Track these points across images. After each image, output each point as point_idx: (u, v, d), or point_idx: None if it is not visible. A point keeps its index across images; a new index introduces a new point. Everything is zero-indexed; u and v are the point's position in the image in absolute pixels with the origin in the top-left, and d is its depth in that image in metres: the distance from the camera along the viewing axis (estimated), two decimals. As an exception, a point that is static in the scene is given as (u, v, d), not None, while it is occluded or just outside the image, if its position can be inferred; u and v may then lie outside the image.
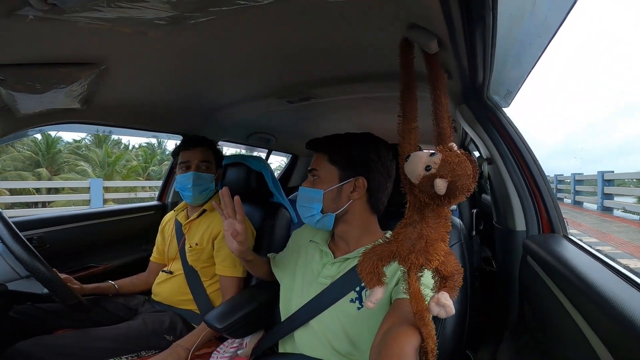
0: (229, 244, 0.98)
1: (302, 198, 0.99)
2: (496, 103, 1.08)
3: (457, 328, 0.96)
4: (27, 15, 0.53)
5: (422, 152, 0.60)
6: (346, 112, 1.77)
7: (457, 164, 0.55)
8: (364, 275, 0.64)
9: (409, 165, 0.59)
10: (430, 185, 0.55)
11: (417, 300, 0.61)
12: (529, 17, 0.65)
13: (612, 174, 9.53)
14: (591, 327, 0.54)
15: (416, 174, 0.58)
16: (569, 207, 11.03)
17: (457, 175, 0.54)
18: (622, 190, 9.38)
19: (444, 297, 0.60)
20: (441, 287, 0.63)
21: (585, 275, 0.61)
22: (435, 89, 0.65)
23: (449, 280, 0.62)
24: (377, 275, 0.63)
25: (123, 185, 11.29)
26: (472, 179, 0.55)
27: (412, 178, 0.59)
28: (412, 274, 0.62)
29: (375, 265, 0.63)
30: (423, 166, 0.57)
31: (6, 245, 0.96)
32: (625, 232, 6.81)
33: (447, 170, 0.54)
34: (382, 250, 0.64)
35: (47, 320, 1.18)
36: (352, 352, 0.88)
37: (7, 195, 8.28)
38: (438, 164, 0.55)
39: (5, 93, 0.89)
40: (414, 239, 0.61)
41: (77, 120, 1.33)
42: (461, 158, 0.56)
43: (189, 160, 1.37)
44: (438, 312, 0.61)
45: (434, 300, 0.61)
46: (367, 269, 0.63)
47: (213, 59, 1.00)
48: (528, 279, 0.91)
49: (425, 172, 0.56)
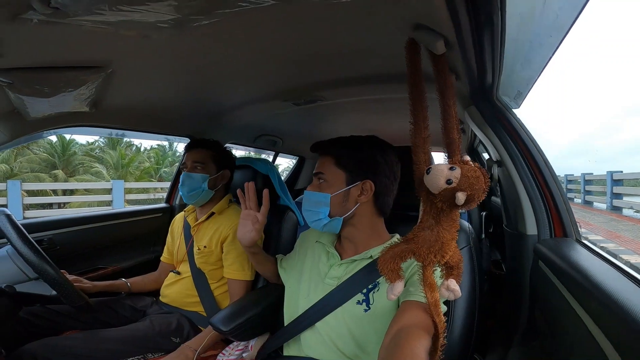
0: (242, 233, 1.01)
1: (309, 202, 0.98)
2: (506, 104, 1.06)
3: (465, 331, 0.95)
4: (31, 19, 0.54)
5: (442, 166, 0.64)
6: (352, 114, 1.76)
7: (475, 179, 0.61)
8: (386, 272, 0.69)
9: (430, 178, 0.64)
10: (450, 197, 0.62)
11: (432, 291, 0.69)
12: (540, 17, 0.63)
13: (621, 174, 9.71)
14: (604, 334, 0.52)
15: (437, 186, 0.63)
16: (579, 207, 11.21)
17: (475, 189, 0.61)
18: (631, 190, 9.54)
19: (453, 283, 0.69)
20: (449, 275, 0.70)
21: (598, 281, 0.59)
22: (444, 98, 0.68)
23: (455, 269, 0.70)
24: (396, 271, 0.69)
25: (137, 186, 11.57)
26: (485, 191, 0.62)
27: (432, 189, 0.64)
28: (429, 269, 0.69)
29: (395, 263, 0.69)
30: (444, 180, 0.62)
31: (15, 247, 0.97)
32: (631, 230, 6.99)
33: (466, 185, 0.61)
34: (401, 250, 0.70)
35: (56, 321, 1.20)
36: (359, 354, 0.88)
37: (26, 196, 8.52)
38: (458, 179, 0.61)
39: (14, 97, 0.90)
40: (432, 240, 0.67)
41: (86, 124, 1.35)
42: (477, 173, 0.62)
43: (186, 162, 1.40)
44: (448, 296, 0.69)
45: (444, 286, 0.70)
46: (389, 266, 0.69)
47: (218, 62, 1.00)
48: (539, 284, 0.89)
49: (446, 185, 0.62)
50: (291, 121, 1.92)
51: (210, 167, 1.40)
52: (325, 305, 0.93)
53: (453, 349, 0.92)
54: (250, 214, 1.01)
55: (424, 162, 0.70)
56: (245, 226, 1.01)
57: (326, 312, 0.92)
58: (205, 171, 1.38)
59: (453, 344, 0.92)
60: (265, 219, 1.01)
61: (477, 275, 1.00)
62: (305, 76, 1.19)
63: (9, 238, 0.99)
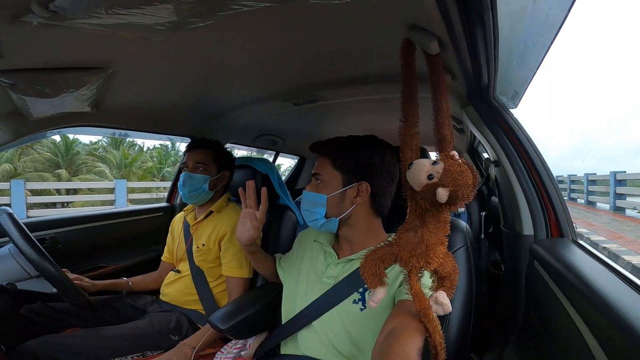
0: (241, 232, 1.01)
1: (306, 202, 0.99)
2: (503, 104, 1.06)
3: (461, 332, 0.95)
4: (31, 21, 0.55)
5: (424, 160, 0.61)
6: (352, 113, 1.76)
7: (458, 174, 0.56)
8: (366, 276, 0.66)
9: (412, 173, 0.61)
10: (432, 193, 0.57)
11: (419, 299, 0.64)
12: (530, 16, 0.64)
13: (624, 174, 9.57)
14: (594, 336, 0.52)
15: (418, 182, 0.59)
16: (582, 207, 11.12)
17: (458, 184, 0.56)
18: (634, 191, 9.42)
19: (442, 296, 0.64)
20: (439, 286, 0.66)
21: (591, 282, 0.59)
22: (436, 94, 0.67)
23: (447, 280, 0.65)
24: (378, 276, 0.66)
25: (139, 186, 11.63)
26: (472, 188, 0.58)
27: (414, 185, 0.61)
28: (413, 276, 0.65)
29: (377, 266, 0.66)
30: (425, 175, 0.58)
31: (16, 245, 0.98)
32: (634, 231, 6.89)
33: (449, 180, 0.56)
34: (384, 253, 0.66)
35: (57, 319, 1.21)
36: (355, 354, 0.88)
37: (30, 195, 8.59)
38: (440, 173, 0.57)
39: (16, 97, 0.91)
40: (414, 243, 0.64)
41: (88, 124, 1.37)
42: (462, 167, 0.58)
43: (187, 162, 1.41)
44: (436, 310, 0.65)
45: (432, 299, 0.65)
46: (369, 270, 0.66)
47: (217, 62, 1.01)
48: (534, 284, 0.89)
49: (427, 181, 0.58)
50: (291, 121, 1.93)
51: (211, 168, 1.41)
52: (321, 304, 0.93)
53: (449, 348, 0.91)
54: (249, 212, 1.02)
55: (411, 159, 0.67)
56: (244, 224, 1.02)
57: (323, 311, 0.93)
58: (206, 172, 1.39)
59: (449, 343, 0.92)
60: (264, 218, 1.01)
61: (474, 276, 1.00)
62: (305, 76, 1.20)
63: (11, 236, 1.00)
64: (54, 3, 0.49)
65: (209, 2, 0.55)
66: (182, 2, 0.53)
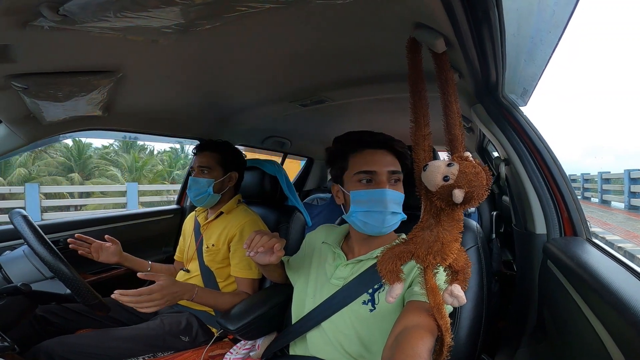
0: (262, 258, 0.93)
1: (393, 203, 0.92)
2: (512, 102, 1.04)
3: (472, 332, 0.94)
4: (42, 25, 0.56)
5: (440, 162, 0.62)
6: (358, 113, 1.76)
7: (473, 175, 0.58)
8: (384, 273, 0.68)
9: (427, 174, 0.62)
10: (448, 194, 0.59)
11: (434, 294, 0.66)
12: (537, 13, 0.63)
13: (638, 172, 9.40)
14: (612, 336, 0.51)
15: (434, 183, 0.61)
16: (596, 206, 10.95)
17: (473, 186, 0.58)
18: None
19: (457, 289, 0.66)
20: (453, 280, 0.68)
21: (607, 281, 0.57)
22: (445, 94, 0.67)
23: (460, 273, 0.67)
24: (396, 273, 0.68)
25: (150, 189, 11.80)
26: (485, 188, 0.59)
27: (429, 187, 0.62)
28: (429, 272, 0.67)
29: (394, 263, 0.67)
30: (441, 176, 0.60)
31: (31, 247, 1.00)
32: None
33: (464, 182, 0.58)
34: (401, 250, 0.68)
35: (70, 319, 1.23)
36: (364, 355, 0.88)
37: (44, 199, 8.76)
38: (456, 175, 0.58)
39: (29, 101, 0.93)
40: (431, 241, 0.65)
41: (99, 127, 1.39)
42: (477, 169, 0.59)
43: (194, 165, 1.43)
44: (452, 302, 0.67)
45: (448, 292, 0.67)
46: (387, 267, 0.68)
47: (224, 65, 1.02)
48: (548, 284, 0.88)
49: (443, 182, 0.59)
50: (299, 122, 1.94)
51: (217, 171, 1.41)
52: (331, 306, 0.93)
53: (459, 349, 0.91)
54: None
55: (424, 160, 0.68)
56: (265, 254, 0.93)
57: (332, 312, 0.92)
58: (210, 175, 1.39)
59: (459, 344, 0.91)
60: (283, 252, 0.92)
61: (486, 276, 0.99)
62: (311, 77, 1.20)
63: (25, 238, 1.02)
64: (64, 7, 0.50)
65: (214, 4, 0.56)
66: (187, 5, 0.53)
